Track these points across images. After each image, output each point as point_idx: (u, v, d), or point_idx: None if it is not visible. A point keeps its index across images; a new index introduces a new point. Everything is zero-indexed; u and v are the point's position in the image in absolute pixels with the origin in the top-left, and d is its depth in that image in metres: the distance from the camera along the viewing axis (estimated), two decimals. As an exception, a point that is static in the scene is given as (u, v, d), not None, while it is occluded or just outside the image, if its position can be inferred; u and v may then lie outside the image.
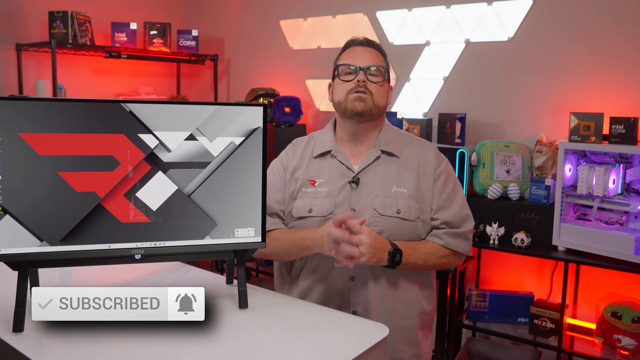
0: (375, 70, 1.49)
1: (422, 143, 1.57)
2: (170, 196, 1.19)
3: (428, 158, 1.53)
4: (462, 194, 1.56)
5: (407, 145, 1.55)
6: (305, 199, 1.50)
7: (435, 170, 1.52)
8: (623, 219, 2.29)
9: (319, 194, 1.50)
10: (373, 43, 1.56)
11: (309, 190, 1.51)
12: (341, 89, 1.50)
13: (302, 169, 1.55)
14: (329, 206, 1.48)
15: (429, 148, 1.56)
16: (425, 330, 1.55)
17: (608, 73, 2.51)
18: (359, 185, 1.48)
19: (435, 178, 1.51)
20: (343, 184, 1.49)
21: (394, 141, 1.54)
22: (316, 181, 1.51)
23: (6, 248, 1.09)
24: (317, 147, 1.57)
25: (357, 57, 1.51)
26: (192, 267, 1.55)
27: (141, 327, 1.16)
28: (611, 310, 2.30)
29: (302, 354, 1.06)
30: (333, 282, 1.48)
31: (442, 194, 1.50)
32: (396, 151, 1.52)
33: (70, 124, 1.11)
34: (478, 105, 2.88)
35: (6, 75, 3.20)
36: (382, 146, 1.51)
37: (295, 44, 3.59)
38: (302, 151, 1.59)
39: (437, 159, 1.54)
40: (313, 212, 1.48)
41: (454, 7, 2.91)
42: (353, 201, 1.47)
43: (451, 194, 1.52)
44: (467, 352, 2.72)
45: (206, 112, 1.20)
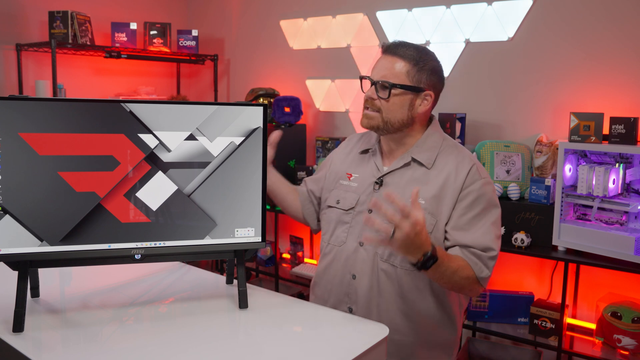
0: (382, 84, 1.42)
1: (461, 156, 1.46)
2: (170, 196, 1.19)
3: (459, 174, 1.41)
4: (492, 223, 1.40)
5: (443, 157, 1.46)
6: (339, 190, 1.56)
7: (463, 190, 1.40)
8: (623, 219, 2.29)
9: (350, 187, 1.54)
10: (396, 49, 1.44)
11: (344, 183, 1.56)
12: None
13: (347, 162, 1.60)
14: (352, 201, 1.51)
15: (466, 163, 1.43)
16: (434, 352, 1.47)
17: (608, 73, 2.51)
18: (381, 186, 1.48)
19: (462, 197, 1.40)
20: (370, 182, 1.51)
21: (430, 151, 1.47)
22: (352, 175, 1.55)
23: (6, 248, 1.09)
24: (364, 143, 1.60)
25: (376, 67, 1.46)
26: (192, 267, 1.56)
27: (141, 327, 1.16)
28: (611, 310, 2.30)
29: (302, 354, 1.06)
30: (338, 274, 1.50)
31: (463, 215, 1.39)
32: (427, 162, 1.45)
33: (70, 124, 1.12)
34: (478, 105, 2.88)
35: (6, 75, 3.20)
36: (415, 154, 1.46)
37: (295, 44, 3.59)
38: (353, 145, 1.64)
39: (471, 177, 1.41)
40: (340, 203, 1.53)
41: (454, 7, 2.91)
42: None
43: (475, 218, 1.39)
44: (467, 352, 2.72)
45: (206, 112, 1.20)
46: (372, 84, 1.44)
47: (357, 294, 1.47)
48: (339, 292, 1.50)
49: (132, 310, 1.24)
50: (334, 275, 1.51)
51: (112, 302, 1.29)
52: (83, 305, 1.26)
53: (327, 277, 1.54)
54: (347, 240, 1.49)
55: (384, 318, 1.42)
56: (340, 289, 1.50)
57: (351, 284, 1.48)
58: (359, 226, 1.47)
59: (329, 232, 1.55)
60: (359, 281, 1.46)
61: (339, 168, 1.60)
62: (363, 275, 1.46)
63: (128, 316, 1.20)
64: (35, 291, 1.28)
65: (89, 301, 1.29)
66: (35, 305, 1.24)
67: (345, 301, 1.49)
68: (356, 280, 1.47)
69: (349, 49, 3.31)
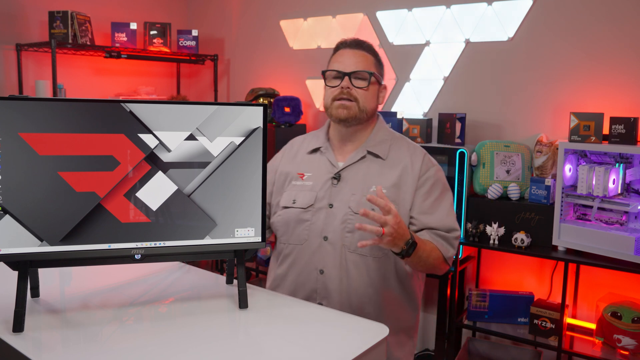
0: (360, 75, 1.50)
1: (412, 147, 1.58)
2: (170, 196, 1.19)
3: (414, 163, 1.53)
4: (450, 204, 1.54)
5: (396, 148, 1.56)
6: (292, 190, 1.57)
7: (421, 177, 1.52)
8: (623, 219, 2.29)
9: (304, 187, 1.56)
10: (362, 44, 1.55)
11: (297, 183, 1.58)
12: (328, 94, 1.55)
13: (295, 164, 1.62)
14: (310, 199, 1.53)
15: (418, 153, 1.56)
16: (398, 336, 1.54)
17: (608, 73, 2.51)
18: (339, 181, 1.53)
19: (420, 184, 1.51)
20: (326, 179, 1.54)
21: (383, 143, 1.56)
22: (304, 175, 1.58)
23: (6, 248, 1.09)
24: (311, 143, 1.63)
25: (344, 61, 1.52)
26: (192, 267, 1.56)
27: (141, 327, 1.16)
28: (611, 310, 2.30)
29: (302, 354, 1.06)
30: (303, 272, 1.52)
31: (425, 200, 1.50)
32: (382, 153, 1.54)
33: (70, 124, 1.11)
34: (478, 105, 2.88)
35: (6, 75, 3.20)
36: (370, 147, 1.55)
37: (295, 44, 3.59)
38: (298, 147, 1.67)
39: (425, 165, 1.54)
40: (296, 203, 1.55)
41: (454, 7, 2.91)
42: (332, 196, 1.52)
43: (436, 201, 1.51)
44: (467, 352, 2.72)
45: (206, 112, 1.20)
46: (343, 76, 1.50)
47: (327, 288, 1.50)
48: (306, 290, 1.52)
49: (132, 310, 1.24)
50: (298, 274, 1.53)
51: (112, 302, 1.29)
52: (83, 305, 1.26)
53: (290, 278, 1.55)
54: (310, 237, 1.52)
55: (354, 308, 1.48)
56: (307, 286, 1.52)
57: (319, 279, 1.50)
58: (320, 222, 1.51)
59: (287, 232, 1.56)
60: (327, 275, 1.49)
61: (288, 170, 1.62)
62: (332, 269, 1.49)
63: (128, 316, 1.20)
64: (35, 291, 1.27)
65: (89, 301, 1.29)
66: (35, 305, 1.24)
67: (314, 297, 1.51)
68: (324, 274, 1.50)
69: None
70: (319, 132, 1.66)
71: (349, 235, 1.48)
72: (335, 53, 1.58)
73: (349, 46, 1.55)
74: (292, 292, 1.54)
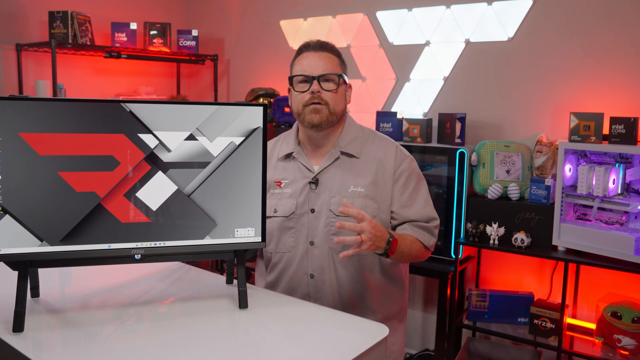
0: (328, 77, 1.50)
1: (384, 142, 1.58)
2: (170, 196, 1.19)
3: (388, 157, 1.54)
4: (426, 193, 1.57)
5: (368, 145, 1.56)
6: (272, 199, 1.56)
7: (396, 171, 1.53)
8: (623, 219, 2.29)
9: (284, 194, 1.55)
10: (326, 46, 1.55)
11: (276, 192, 1.57)
12: (297, 100, 1.53)
13: (270, 171, 1.59)
14: (291, 206, 1.53)
15: (390, 147, 1.56)
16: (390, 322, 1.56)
17: (608, 73, 2.51)
18: (318, 185, 1.53)
19: (396, 178, 1.53)
20: (304, 184, 1.54)
21: (355, 141, 1.56)
22: (282, 182, 1.57)
23: (6, 248, 1.09)
24: (282, 149, 1.61)
25: (310, 65, 1.50)
26: (192, 267, 1.56)
27: (141, 327, 1.16)
28: (611, 310, 2.30)
29: (302, 354, 1.06)
30: (294, 278, 1.54)
31: (403, 193, 1.53)
32: (355, 152, 1.54)
33: (70, 124, 1.11)
34: (478, 105, 2.88)
35: (6, 75, 3.20)
36: (342, 147, 1.55)
37: (295, 44, 3.58)
38: (269, 154, 1.63)
39: (398, 158, 1.54)
40: (278, 212, 1.55)
41: (454, 7, 2.91)
42: (312, 201, 1.53)
43: (413, 193, 1.54)
44: (467, 352, 2.72)
45: (206, 112, 1.20)
46: (312, 80, 1.49)
47: (319, 291, 1.52)
48: (299, 295, 1.54)
49: (132, 310, 1.24)
50: (289, 280, 1.54)
51: (112, 302, 1.29)
52: (83, 305, 1.26)
53: (282, 284, 1.56)
54: (297, 243, 1.53)
55: (346, 305, 1.51)
56: (299, 291, 1.54)
57: (310, 283, 1.52)
58: (304, 228, 1.52)
59: (273, 241, 1.56)
60: (318, 279, 1.51)
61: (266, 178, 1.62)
62: (321, 272, 1.51)
63: (128, 316, 1.20)
64: (35, 291, 1.28)
65: (89, 301, 1.29)
66: (35, 305, 1.24)
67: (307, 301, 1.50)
68: (315, 278, 1.52)
69: (349, 49, 3.31)
70: (288, 137, 1.64)
71: (334, 237, 1.48)
72: (298, 56, 1.56)
73: (313, 48, 1.53)
74: None
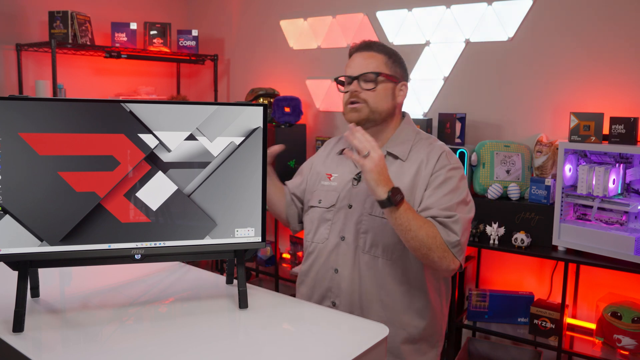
0: (366, 77, 1.51)
1: (432, 146, 1.52)
2: (170, 196, 1.19)
3: (429, 162, 1.48)
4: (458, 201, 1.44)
5: (416, 149, 1.52)
6: (321, 191, 1.61)
7: (433, 174, 1.46)
8: (623, 219, 2.29)
9: (331, 187, 1.59)
10: (371, 45, 1.56)
11: (325, 184, 1.61)
12: (343, 100, 1.56)
13: (326, 164, 1.65)
14: (333, 199, 1.56)
15: (436, 151, 1.50)
16: (418, 345, 1.49)
17: (608, 73, 2.51)
18: (359, 182, 1.54)
19: (431, 181, 1.46)
20: (349, 179, 1.56)
21: (404, 144, 1.53)
22: (332, 175, 1.61)
23: (6, 248, 1.09)
24: (340, 144, 1.67)
25: (352, 66, 1.54)
26: (192, 267, 1.56)
27: (141, 327, 1.16)
28: (611, 310, 2.30)
29: (302, 354, 1.06)
30: (321, 271, 1.55)
31: (431, 196, 1.44)
32: (402, 154, 1.52)
33: (70, 124, 1.11)
34: (478, 105, 2.88)
35: (6, 75, 3.20)
36: (390, 147, 1.54)
37: (295, 44, 3.59)
38: (331, 147, 1.70)
39: (440, 163, 1.48)
40: (322, 202, 1.59)
41: (454, 7, 2.91)
42: (351, 197, 1.54)
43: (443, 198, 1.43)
44: (467, 352, 2.72)
45: (206, 112, 1.20)
46: (352, 80, 1.52)
47: (339, 287, 1.51)
48: (322, 288, 1.55)
49: (132, 310, 1.24)
50: (317, 271, 1.56)
51: (112, 302, 1.29)
52: (83, 305, 1.26)
53: (311, 275, 1.58)
54: (330, 236, 1.55)
55: (365, 311, 1.48)
56: (324, 284, 1.54)
57: (334, 278, 1.52)
58: (340, 222, 1.54)
59: (312, 231, 1.60)
60: (341, 274, 1.51)
61: (320, 170, 1.66)
62: (345, 268, 1.51)
63: (128, 316, 1.20)
64: (35, 291, 1.28)
65: (89, 301, 1.29)
66: (35, 305, 1.24)
67: (329, 296, 1.54)
68: (338, 274, 1.51)
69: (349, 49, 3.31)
70: None
71: (363, 235, 1.49)
72: (349, 59, 1.60)
73: (358, 49, 1.57)
74: (311, 289, 1.58)
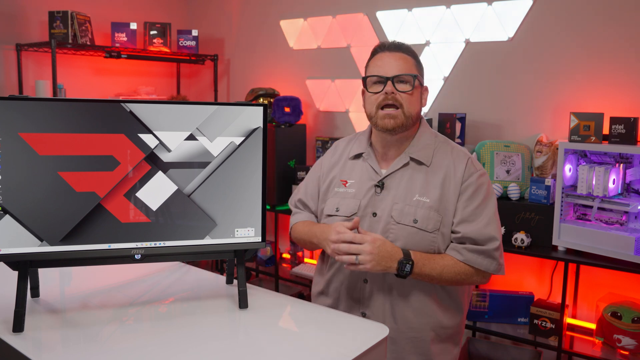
0: (403, 78, 1.43)
1: (456, 152, 1.50)
2: (170, 196, 1.19)
3: (457, 168, 1.46)
4: (493, 212, 1.45)
5: (439, 154, 1.50)
6: (335, 198, 1.53)
7: (464, 183, 1.44)
8: (623, 219, 2.29)
9: (347, 194, 1.52)
10: (401, 46, 1.49)
11: (340, 190, 1.54)
12: (371, 101, 1.46)
13: (337, 169, 1.58)
14: (353, 207, 1.49)
15: (462, 158, 1.48)
16: (446, 344, 1.49)
17: (608, 73, 2.51)
18: (383, 189, 1.48)
19: (462, 190, 1.44)
20: (369, 186, 1.50)
21: (426, 148, 1.50)
22: (347, 182, 1.54)
23: (6, 248, 1.09)
24: (354, 148, 1.58)
25: (385, 65, 1.45)
26: (192, 267, 1.56)
27: (141, 327, 1.16)
28: (611, 310, 2.30)
29: (302, 354, 1.06)
30: (348, 281, 1.50)
31: (466, 207, 1.43)
32: (426, 160, 1.48)
33: (70, 124, 1.12)
34: (478, 105, 2.88)
35: (6, 75, 3.20)
36: (413, 153, 1.48)
37: (295, 44, 3.59)
38: (341, 151, 1.61)
39: (468, 170, 1.46)
40: (339, 211, 1.51)
41: (454, 7, 2.91)
42: (375, 205, 1.47)
43: (478, 208, 1.43)
44: (467, 352, 2.72)
45: (206, 112, 1.20)
46: (386, 81, 1.42)
47: (369, 298, 1.46)
48: (350, 299, 1.49)
49: (132, 310, 1.24)
50: (342, 282, 1.50)
51: (112, 302, 1.29)
52: (83, 305, 1.26)
53: (334, 285, 1.52)
54: None
55: (398, 318, 1.44)
56: (351, 295, 1.49)
57: (362, 288, 1.47)
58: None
59: None
60: (370, 285, 1.46)
61: (331, 176, 1.58)
62: (374, 278, 1.45)
63: (128, 316, 1.20)
64: (35, 291, 1.28)
65: (89, 301, 1.29)
66: (35, 305, 1.24)
67: (357, 307, 1.48)
68: (368, 284, 1.47)
69: (349, 49, 3.31)
70: (361, 137, 1.59)
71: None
72: (373, 57, 1.50)
73: (388, 49, 1.47)
74: (336, 299, 1.51)
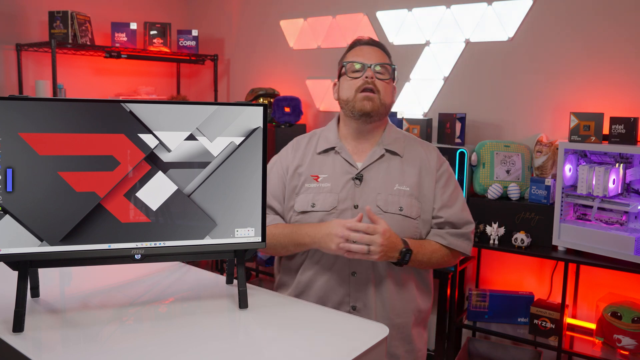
0: (382, 67, 1.51)
1: (424, 144, 1.62)
2: (170, 196, 1.19)
3: (430, 158, 1.57)
4: (463, 197, 1.60)
5: (409, 146, 1.59)
6: (308, 194, 1.53)
7: (438, 171, 1.56)
8: (623, 219, 2.29)
9: (322, 189, 1.52)
10: (378, 43, 1.59)
11: (312, 186, 1.53)
12: (349, 86, 1.52)
13: (305, 165, 1.57)
14: (332, 201, 1.50)
15: (431, 149, 1.60)
16: (419, 328, 1.58)
17: (608, 73, 2.51)
18: (362, 181, 1.51)
19: (438, 178, 1.55)
20: (347, 180, 1.52)
21: (398, 141, 1.58)
22: (319, 177, 1.54)
23: (6, 248, 1.09)
24: (321, 143, 1.59)
25: (364, 55, 1.53)
26: (192, 267, 1.56)
27: (141, 327, 1.16)
28: (611, 310, 2.30)
29: (302, 354, 1.06)
30: (334, 276, 1.50)
31: (444, 193, 1.55)
32: (399, 150, 1.56)
33: (70, 124, 1.11)
34: (478, 105, 2.88)
35: (6, 75, 3.20)
36: (386, 145, 1.55)
37: (295, 44, 3.59)
38: (304, 148, 1.61)
39: (439, 160, 1.58)
40: (316, 206, 1.51)
41: (454, 7, 2.91)
42: (357, 197, 1.50)
43: (453, 194, 1.56)
44: (467, 352, 2.72)
45: (206, 112, 1.20)
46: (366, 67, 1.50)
47: (359, 290, 1.49)
48: (339, 293, 1.50)
49: (132, 310, 1.24)
50: (328, 279, 1.50)
51: (112, 302, 1.29)
52: (83, 305, 1.26)
53: (320, 282, 1.51)
54: None
55: (386, 305, 1.48)
56: (340, 289, 1.50)
57: (351, 281, 1.49)
58: None
59: None
60: (359, 277, 1.49)
61: (298, 172, 1.56)
62: (363, 270, 1.48)
63: (128, 316, 1.20)
64: (35, 291, 1.28)
65: (89, 301, 1.29)
66: (35, 305, 1.24)
67: (347, 301, 1.49)
68: (356, 277, 1.49)
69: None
70: (328, 131, 1.61)
71: None
72: (352, 49, 1.59)
73: (367, 43, 1.57)
74: (320, 298, 1.50)
